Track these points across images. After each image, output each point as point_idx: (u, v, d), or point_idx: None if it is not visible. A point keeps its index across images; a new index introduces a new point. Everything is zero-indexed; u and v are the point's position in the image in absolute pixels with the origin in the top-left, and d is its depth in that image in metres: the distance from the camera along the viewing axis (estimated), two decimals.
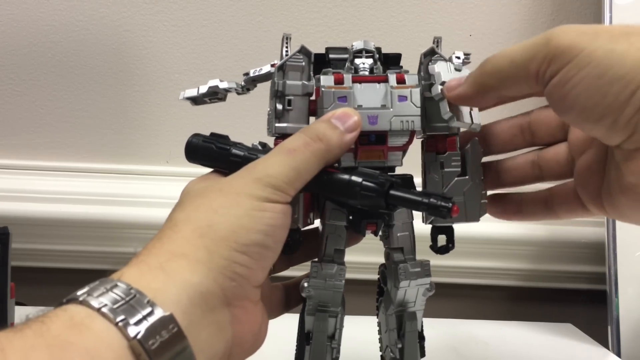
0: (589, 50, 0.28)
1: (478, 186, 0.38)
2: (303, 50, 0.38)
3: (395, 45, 0.44)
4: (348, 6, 0.74)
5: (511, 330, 0.70)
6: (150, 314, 0.26)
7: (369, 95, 0.36)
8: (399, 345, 0.39)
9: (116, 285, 0.27)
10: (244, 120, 0.73)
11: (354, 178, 0.33)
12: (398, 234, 0.38)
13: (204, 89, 0.40)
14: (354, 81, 0.37)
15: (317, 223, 0.40)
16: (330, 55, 0.39)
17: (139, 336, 0.25)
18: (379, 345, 0.43)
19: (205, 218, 0.31)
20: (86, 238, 0.72)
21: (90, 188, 0.73)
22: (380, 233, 0.39)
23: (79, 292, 0.27)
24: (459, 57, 0.38)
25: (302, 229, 0.38)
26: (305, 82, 0.37)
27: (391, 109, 0.36)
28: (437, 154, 0.38)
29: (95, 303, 0.25)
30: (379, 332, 0.43)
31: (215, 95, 0.41)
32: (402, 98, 0.36)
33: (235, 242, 0.30)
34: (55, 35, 0.73)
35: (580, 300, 0.77)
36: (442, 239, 0.40)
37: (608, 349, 0.66)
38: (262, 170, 0.32)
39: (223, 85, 0.40)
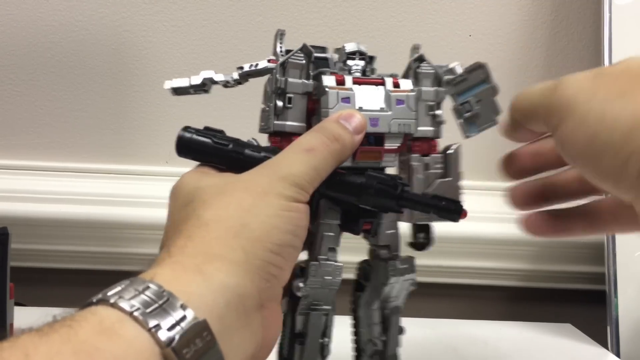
0: (582, 111, 0.28)
1: (457, 189, 0.40)
2: (304, 49, 0.38)
3: (395, 45, 0.44)
4: (348, 6, 0.74)
5: (510, 331, 0.70)
6: (183, 319, 0.24)
7: (369, 97, 0.37)
8: (383, 338, 0.41)
9: (148, 287, 0.25)
10: (245, 120, 0.73)
11: (368, 181, 0.34)
12: (386, 232, 0.40)
13: (196, 80, 0.40)
14: (354, 83, 0.37)
15: None
16: (319, 54, 0.39)
17: (173, 344, 0.24)
18: (353, 340, 0.43)
19: (237, 217, 0.30)
20: (86, 238, 0.72)
21: (89, 188, 0.73)
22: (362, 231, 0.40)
23: (110, 293, 0.25)
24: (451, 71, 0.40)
25: None
26: (306, 81, 0.38)
27: (390, 112, 0.37)
28: (423, 156, 0.40)
29: (127, 306, 0.24)
30: (355, 326, 0.43)
31: (202, 87, 0.40)
32: (400, 102, 0.37)
33: (270, 242, 0.30)
34: (55, 35, 0.73)
35: (580, 300, 0.77)
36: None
37: (607, 349, 0.66)
38: (286, 168, 0.32)
39: (219, 77, 0.40)
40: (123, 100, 0.75)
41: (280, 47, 0.39)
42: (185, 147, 0.36)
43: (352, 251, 0.40)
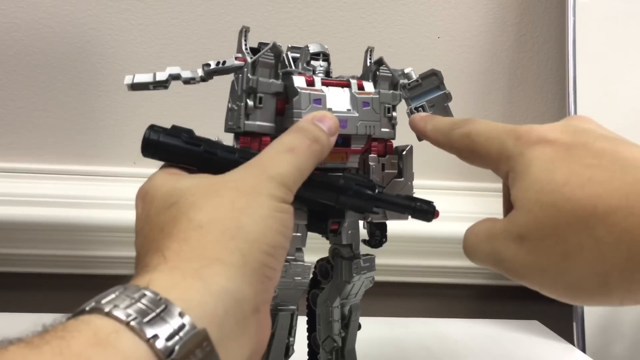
0: (540, 181, 0.30)
1: (410, 188, 0.42)
2: (274, 49, 0.37)
3: (365, 46, 0.44)
4: (318, 7, 0.74)
5: (479, 328, 0.71)
6: (181, 327, 0.23)
7: (337, 99, 0.38)
8: (343, 334, 0.43)
9: (144, 295, 0.24)
10: (212, 120, 0.72)
11: (346, 182, 0.35)
12: (349, 231, 0.41)
13: (162, 76, 0.38)
14: (324, 84, 0.38)
15: None
16: (291, 54, 0.39)
17: (173, 355, 0.22)
18: (305, 337, 0.45)
19: (232, 218, 0.29)
20: (51, 242, 0.70)
21: (54, 190, 0.71)
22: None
23: (104, 301, 0.24)
24: (405, 75, 0.43)
25: None
26: (275, 81, 0.37)
27: (357, 114, 0.38)
28: (379, 157, 0.41)
29: (123, 315, 0.23)
30: (309, 323, 0.45)
31: (162, 82, 0.39)
32: (366, 104, 0.38)
33: (265, 244, 0.29)
34: (17, 32, 0.71)
35: (546, 297, 0.78)
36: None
37: (573, 344, 0.68)
38: (274, 168, 0.31)
39: (185, 74, 0.39)
40: (88, 100, 0.73)
41: (245, 45, 0.39)
42: (153, 147, 0.34)
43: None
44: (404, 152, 0.42)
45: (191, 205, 0.30)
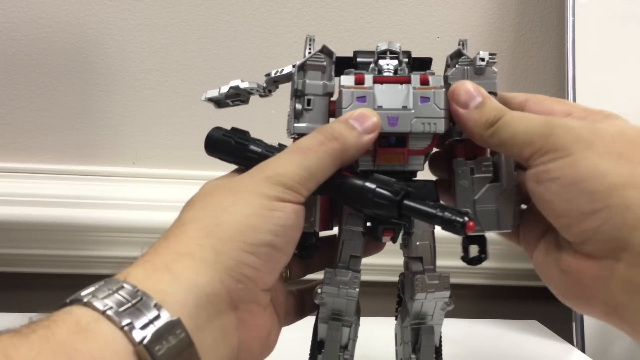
0: (578, 157, 0.30)
1: (512, 192, 0.36)
2: (325, 50, 0.37)
3: (364, 46, 0.44)
4: (318, 7, 0.74)
5: (479, 328, 0.71)
6: (156, 317, 0.25)
7: (390, 96, 0.35)
8: (414, 357, 0.38)
9: (122, 287, 0.26)
10: (211, 120, 0.72)
11: (367, 184, 0.32)
12: (417, 243, 0.36)
13: (224, 89, 0.39)
14: (376, 82, 0.35)
15: (336, 230, 0.38)
16: (358, 59, 0.38)
17: (145, 341, 0.24)
18: (394, 356, 0.41)
19: (213, 217, 0.30)
20: (51, 242, 0.70)
21: (54, 190, 0.71)
22: (400, 240, 0.37)
23: (84, 293, 0.26)
24: (482, 59, 0.36)
25: (322, 235, 0.37)
26: (327, 82, 0.36)
27: (412, 111, 0.34)
28: (467, 159, 0.36)
29: (100, 305, 0.25)
30: (396, 343, 0.41)
31: (237, 97, 0.39)
32: (425, 99, 0.35)
33: (242, 242, 0.29)
34: (16, 32, 0.71)
35: (546, 297, 0.78)
36: (475, 249, 0.38)
37: (573, 344, 0.68)
38: (272, 168, 0.31)
39: (244, 85, 0.38)
40: (88, 100, 0.73)
41: (309, 52, 0.37)
42: (212, 146, 0.36)
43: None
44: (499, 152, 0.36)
45: (188, 205, 0.32)
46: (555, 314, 0.74)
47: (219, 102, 0.40)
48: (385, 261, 0.47)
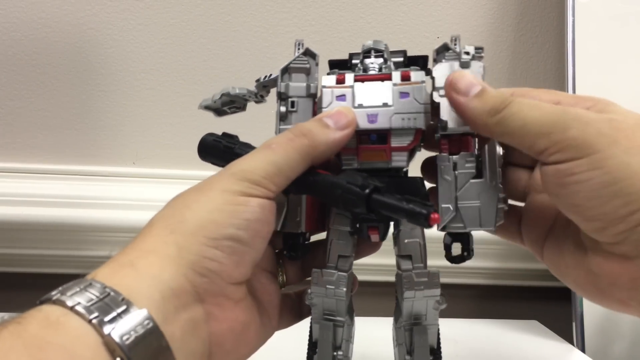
0: (604, 155, 0.28)
1: (495, 190, 0.34)
2: (308, 52, 0.37)
3: None
4: (317, 7, 0.74)
5: (479, 328, 0.71)
6: (125, 311, 0.26)
7: (370, 93, 0.35)
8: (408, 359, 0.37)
9: (90, 285, 0.26)
10: (210, 118, 0.72)
11: (337, 180, 0.32)
12: (405, 241, 0.36)
13: (217, 96, 0.40)
14: (357, 80, 0.35)
15: None
16: (353, 61, 0.38)
17: (115, 335, 0.25)
18: (393, 356, 0.41)
19: (177, 214, 0.31)
20: (50, 241, 0.70)
21: (54, 190, 0.71)
22: (391, 238, 0.37)
23: (53, 292, 0.27)
24: (467, 53, 0.35)
25: (320, 237, 0.37)
26: (310, 84, 0.37)
27: (392, 107, 0.34)
28: (451, 155, 0.35)
29: (69, 302, 0.25)
30: (393, 344, 0.41)
31: (232, 103, 0.40)
32: (404, 95, 0.34)
33: (204, 236, 0.30)
34: (17, 32, 0.71)
35: (546, 297, 0.78)
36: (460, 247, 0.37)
37: (573, 344, 0.67)
38: (238, 165, 0.32)
39: (234, 91, 0.39)
40: (88, 100, 0.73)
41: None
42: (203, 151, 0.37)
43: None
44: (486, 146, 0.35)
45: (161, 208, 0.32)
46: (555, 314, 0.74)
47: (218, 111, 0.41)
48: (384, 261, 0.47)
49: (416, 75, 0.35)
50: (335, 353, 0.37)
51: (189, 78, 0.73)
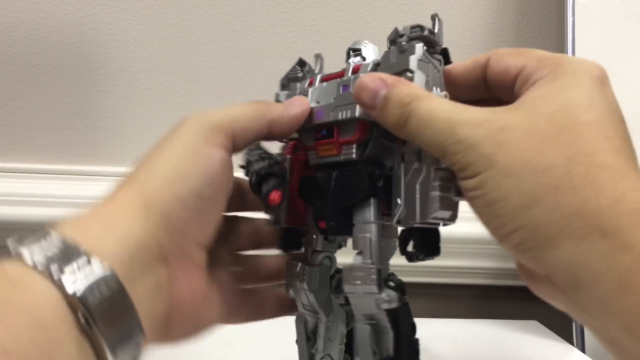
0: (483, 177, 0.27)
1: (429, 175, 0.30)
2: (299, 63, 0.39)
3: None
4: (317, 7, 0.74)
5: (479, 328, 0.71)
6: (91, 271, 0.25)
7: (324, 93, 0.36)
8: None
9: (49, 234, 0.26)
10: None
11: (252, 168, 0.35)
12: (358, 235, 0.33)
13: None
14: (322, 81, 0.36)
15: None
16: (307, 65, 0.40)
17: (78, 294, 0.24)
18: None
19: (145, 172, 0.31)
20: None
21: (54, 190, 0.71)
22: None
23: (10, 242, 0.26)
24: (402, 35, 0.33)
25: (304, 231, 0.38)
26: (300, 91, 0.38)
27: (333, 101, 0.34)
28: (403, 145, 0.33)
29: (28, 257, 0.24)
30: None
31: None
32: (345, 87, 0.34)
33: (170, 194, 0.30)
34: (16, 32, 0.71)
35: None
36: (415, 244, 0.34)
37: (573, 344, 0.68)
38: (196, 118, 0.33)
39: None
40: (88, 100, 0.73)
41: (319, 70, 0.40)
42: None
43: None
44: None
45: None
46: (555, 314, 0.74)
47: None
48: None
49: (365, 67, 0.35)
50: (312, 350, 0.37)
51: (189, 78, 0.73)
